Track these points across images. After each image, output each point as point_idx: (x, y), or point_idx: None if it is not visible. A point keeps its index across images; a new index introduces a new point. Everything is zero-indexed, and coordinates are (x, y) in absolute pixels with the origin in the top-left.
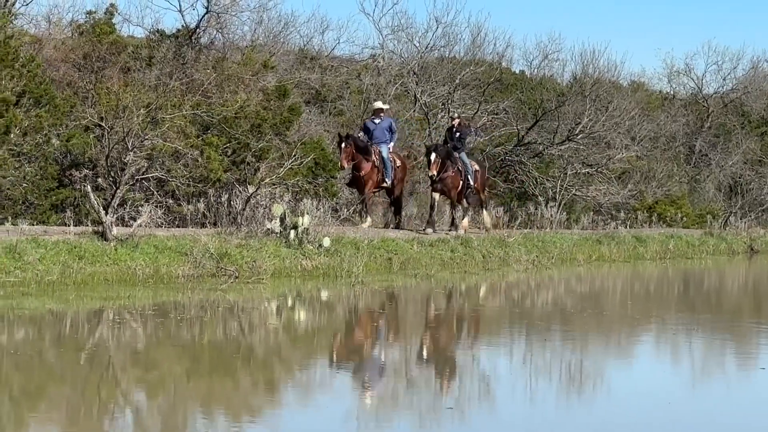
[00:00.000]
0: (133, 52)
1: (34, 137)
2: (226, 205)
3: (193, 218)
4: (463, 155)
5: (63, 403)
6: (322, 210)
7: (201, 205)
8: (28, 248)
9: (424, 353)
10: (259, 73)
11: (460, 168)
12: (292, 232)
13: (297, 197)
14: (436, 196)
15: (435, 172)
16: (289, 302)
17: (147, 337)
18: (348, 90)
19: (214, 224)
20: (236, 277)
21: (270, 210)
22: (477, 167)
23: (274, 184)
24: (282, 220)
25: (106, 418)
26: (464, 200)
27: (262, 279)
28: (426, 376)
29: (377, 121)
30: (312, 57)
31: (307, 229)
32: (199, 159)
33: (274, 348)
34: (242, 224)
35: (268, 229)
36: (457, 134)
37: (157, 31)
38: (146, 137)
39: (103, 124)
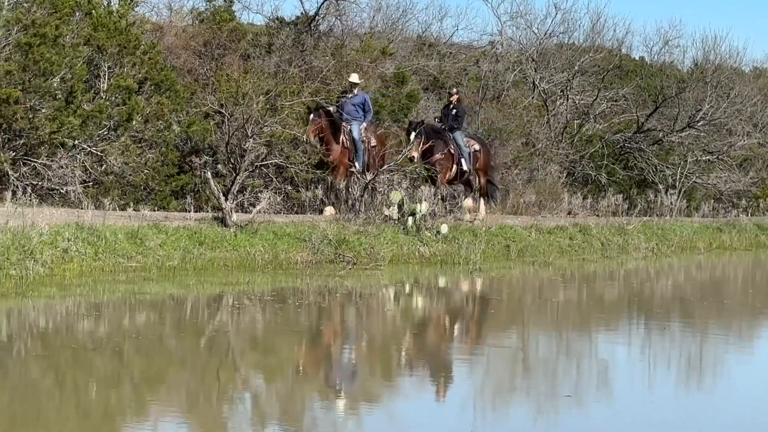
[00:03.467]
0: (252, 40)
1: (155, 124)
2: (344, 192)
3: (312, 205)
4: (458, 136)
5: (183, 387)
6: (440, 196)
7: (319, 192)
8: (150, 234)
9: (541, 340)
10: (377, 60)
11: (452, 150)
12: (410, 218)
13: (415, 184)
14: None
15: (416, 155)
16: (407, 289)
17: (266, 323)
18: (466, 77)
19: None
20: (354, 264)
21: (388, 197)
22: (477, 147)
23: (392, 171)
24: (400, 206)
25: (225, 403)
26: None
27: (380, 265)
28: (544, 363)
29: (350, 96)
30: (430, 44)
31: (425, 215)
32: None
33: (392, 334)
34: (360, 211)
35: (386, 215)
36: (454, 111)
37: (277, 18)
38: (265, 124)
39: (223, 111)
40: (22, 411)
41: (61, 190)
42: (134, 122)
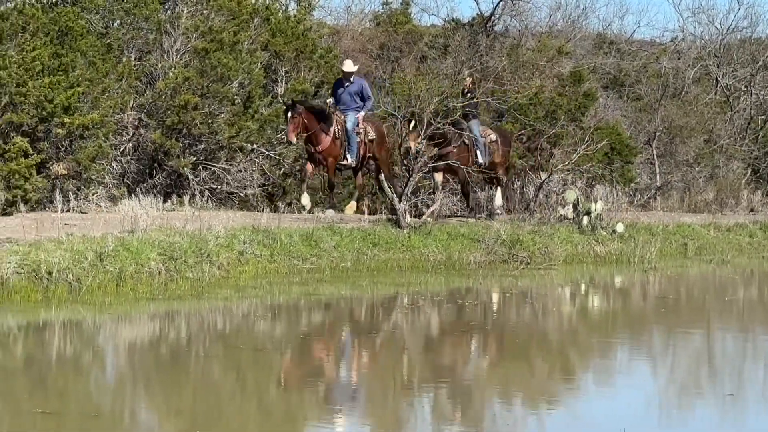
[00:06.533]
0: (429, 42)
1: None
2: (518, 192)
3: (487, 205)
4: (473, 124)
5: (359, 387)
6: (616, 195)
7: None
8: (324, 236)
9: (724, 339)
10: (553, 59)
11: (466, 141)
12: (585, 218)
13: (591, 183)
14: (438, 176)
15: (413, 145)
16: (582, 288)
17: (441, 323)
18: (646, 74)
19: (507, 211)
20: (528, 263)
21: (563, 196)
22: (494, 137)
23: (567, 170)
24: (575, 206)
25: (404, 402)
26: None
27: (554, 265)
28: (730, 362)
29: (346, 84)
30: (611, 41)
31: (601, 214)
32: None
33: (569, 334)
34: (535, 210)
35: (561, 215)
36: (468, 96)
37: (453, 20)
38: (439, 125)
39: (397, 114)
40: (203, 411)
41: (240, 194)
42: None
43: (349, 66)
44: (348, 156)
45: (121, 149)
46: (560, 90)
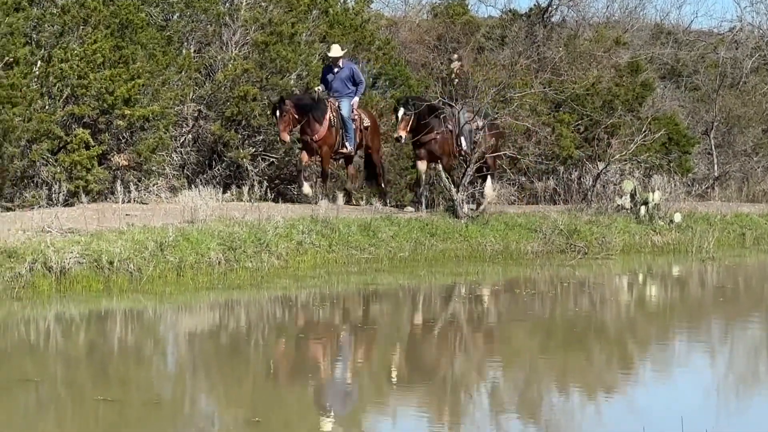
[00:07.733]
0: (486, 33)
1: (389, 118)
2: (576, 182)
3: (544, 195)
4: (461, 110)
5: (418, 375)
6: (673, 185)
7: (551, 182)
8: (382, 226)
9: None
10: (610, 49)
11: (451, 128)
12: (643, 208)
13: (648, 173)
14: (422, 165)
15: (403, 134)
16: (640, 278)
17: (498, 313)
18: (703, 64)
19: (565, 201)
20: (585, 253)
21: (620, 186)
22: (480, 124)
23: (624, 161)
24: (632, 196)
25: (462, 391)
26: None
27: (611, 255)
28: None
29: (336, 70)
30: (668, 32)
31: (658, 204)
32: (549, 137)
33: (626, 323)
34: (592, 200)
35: (618, 205)
36: (455, 82)
37: (510, 10)
38: (496, 116)
39: (453, 105)
40: (263, 400)
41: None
42: None
43: (336, 51)
44: (347, 144)
45: (181, 141)
46: (617, 80)
